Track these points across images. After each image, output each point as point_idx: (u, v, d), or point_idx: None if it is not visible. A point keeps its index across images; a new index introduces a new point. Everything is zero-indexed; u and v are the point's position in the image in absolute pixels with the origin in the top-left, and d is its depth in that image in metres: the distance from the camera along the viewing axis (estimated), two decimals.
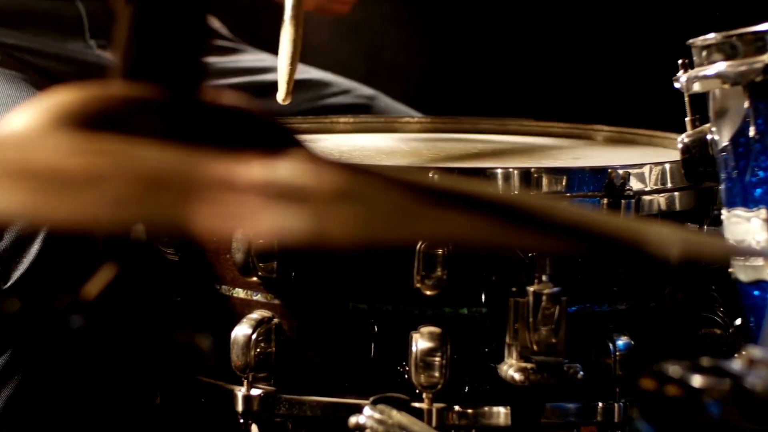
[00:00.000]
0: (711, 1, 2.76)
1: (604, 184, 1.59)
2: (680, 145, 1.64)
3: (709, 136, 1.60)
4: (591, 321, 1.59)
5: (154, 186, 0.80)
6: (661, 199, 1.65)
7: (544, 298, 1.47)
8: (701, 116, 1.63)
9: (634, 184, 1.61)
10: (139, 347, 0.95)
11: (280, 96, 1.85)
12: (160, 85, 0.91)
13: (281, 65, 1.86)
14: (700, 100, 1.60)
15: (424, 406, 1.53)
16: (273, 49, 2.53)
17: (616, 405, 1.58)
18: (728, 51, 1.50)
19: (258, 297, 1.63)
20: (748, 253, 1.49)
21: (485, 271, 1.56)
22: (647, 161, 1.65)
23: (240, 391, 1.60)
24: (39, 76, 2.13)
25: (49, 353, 0.97)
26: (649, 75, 2.16)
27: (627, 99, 2.88)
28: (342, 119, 2.15)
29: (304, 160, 0.90)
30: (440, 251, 1.53)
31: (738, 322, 1.66)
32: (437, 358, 1.53)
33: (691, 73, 1.57)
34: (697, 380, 0.97)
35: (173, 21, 0.93)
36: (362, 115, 2.24)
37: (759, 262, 1.50)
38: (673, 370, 0.98)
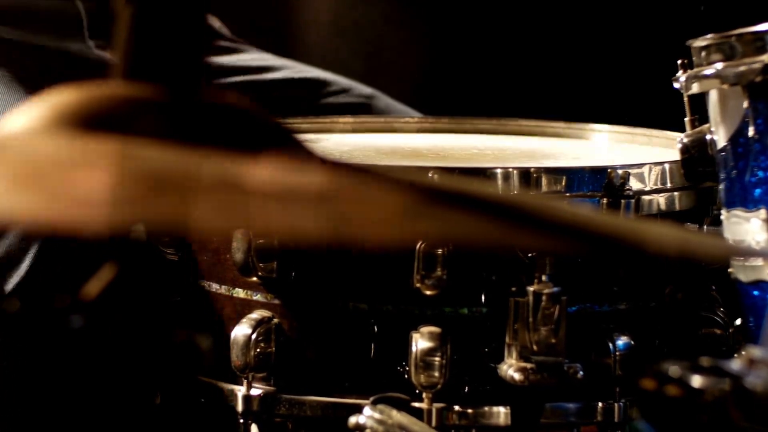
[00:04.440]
0: (711, 1, 2.76)
1: (604, 184, 1.59)
2: (679, 145, 1.64)
3: (708, 136, 1.60)
4: (591, 321, 1.59)
5: (154, 186, 0.80)
6: (660, 199, 1.65)
7: (544, 298, 1.47)
8: (700, 116, 1.63)
9: (634, 184, 1.61)
10: (139, 347, 0.95)
11: None
12: (160, 85, 0.91)
13: None
14: (699, 101, 1.60)
15: (424, 406, 1.53)
16: (274, 49, 2.54)
17: (616, 405, 1.58)
18: (727, 51, 1.50)
19: (258, 297, 1.63)
20: (748, 253, 1.49)
21: (485, 271, 1.56)
22: (647, 161, 1.65)
23: (240, 391, 1.61)
24: (37, 75, 2.13)
25: (49, 353, 0.97)
26: (649, 75, 2.16)
27: (627, 99, 2.88)
28: (342, 119, 2.15)
29: (304, 159, 0.90)
30: (440, 251, 1.53)
31: (738, 322, 1.66)
32: (437, 358, 1.53)
33: (691, 73, 1.57)
34: (697, 380, 0.97)
35: (173, 21, 0.93)
36: (362, 115, 2.23)
37: (759, 262, 1.50)
38: (673, 370, 0.98)
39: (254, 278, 1.62)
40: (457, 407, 1.55)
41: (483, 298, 1.57)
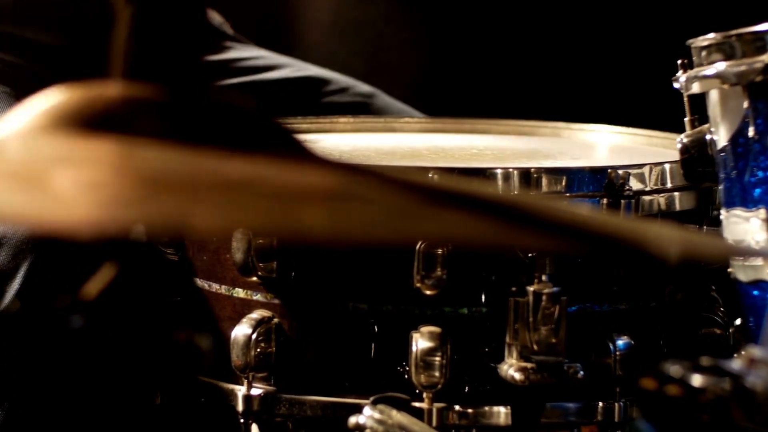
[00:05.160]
0: (711, 1, 2.76)
1: (604, 184, 1.59)
2: (679, 146, 1.64)
3: (708, 137, 1.60)
4: (591, 321, 1.59)
5: (154, 186, 0.80)
6: (660, 199, 1.65)
7: (544, 298, 1.47)
8: (700, 116, 1.63)
9: (634, 184, 1.61)
10: (139, 347, 0.95)
11: None
12: (160, 85, 0.91)
13: None
14: (699, 100, 1.60)
15: (424, 405, 1.53)
16: (274, 49, 2.54)
17: (616, 405, 1.58)
18: (727, 51, 1.50)
19: (258, 297, 1.63)
20: (748, 253, 1.49)
21: (485, 271, 1.56)
22: (647, 161, 1.65)
23: (240, 391, 1.61)
24: (37, 77, 2.12)
25: (49, 353, 0.97)
26: (649, 75, 2.16)
27: (627, 99, 2.88)
28: (342, 119, 2.15)
29: (304, 159, 0.90)
30: (440, 251, 1.53)
31: (738, 322, 1.66)
32: (437, 358, 1.53)
33: (691, 73, 1.57)
34: (697, 380, 0.97)
35: (173, 21, 0.93)
36: (362, 115, 2.24)
37: (758, 262, 1.50)
38: (674, 370, 0.98)
39: (254, 278, 1.62)
40: (457, 407, 1.55)
41: (483, 298, 1.57)
